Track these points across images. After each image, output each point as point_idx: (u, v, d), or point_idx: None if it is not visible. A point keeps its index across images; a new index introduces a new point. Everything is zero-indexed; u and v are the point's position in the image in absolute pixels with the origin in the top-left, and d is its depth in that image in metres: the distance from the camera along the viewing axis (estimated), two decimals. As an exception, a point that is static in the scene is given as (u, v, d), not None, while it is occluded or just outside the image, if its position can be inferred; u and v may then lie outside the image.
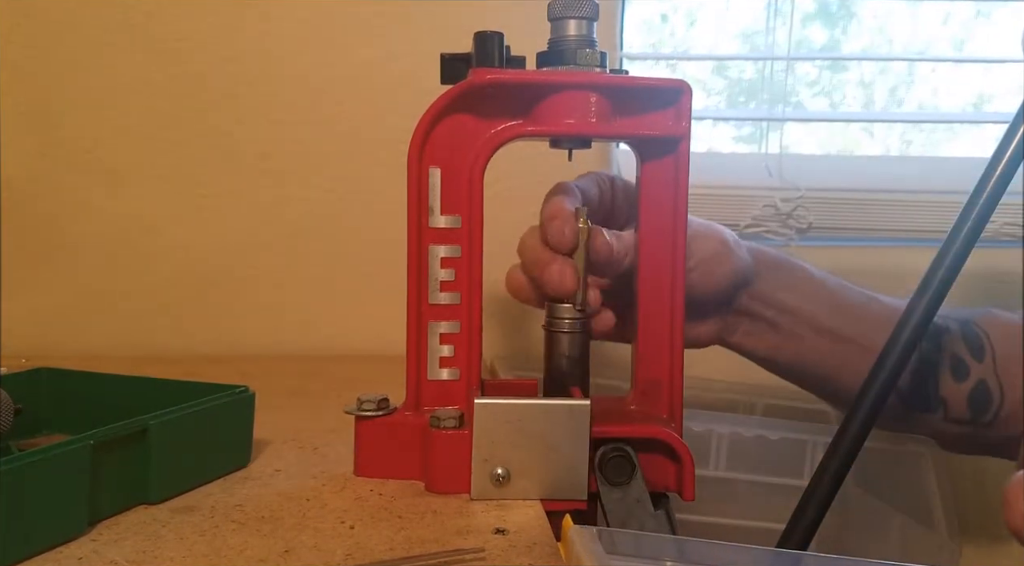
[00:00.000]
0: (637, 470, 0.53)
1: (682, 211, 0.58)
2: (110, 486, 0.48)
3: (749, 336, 0.72)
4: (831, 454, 0.56)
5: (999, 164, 0.58)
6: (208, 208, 0.98)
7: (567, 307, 0.58)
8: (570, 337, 0.58)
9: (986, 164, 0.60)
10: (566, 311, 0.58)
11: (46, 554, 0.44)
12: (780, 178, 1.07)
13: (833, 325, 0.71)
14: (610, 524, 0.53)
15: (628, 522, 0.53)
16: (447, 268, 0.56)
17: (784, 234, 1.06)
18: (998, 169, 0.58)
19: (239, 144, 0.98)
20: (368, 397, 0.56)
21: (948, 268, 0.58)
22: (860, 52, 1.17)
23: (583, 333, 0.58)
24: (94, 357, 0.73)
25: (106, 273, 0.98)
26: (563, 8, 0.55)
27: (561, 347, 0.58)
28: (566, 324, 0.58)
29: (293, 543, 0.46)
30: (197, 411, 0.53)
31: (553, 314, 0.59)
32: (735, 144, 1.19)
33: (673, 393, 0.58)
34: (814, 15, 1.15)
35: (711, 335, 0.72)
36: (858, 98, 1.19)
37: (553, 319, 0.59)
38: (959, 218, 0.59)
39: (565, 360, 0.58)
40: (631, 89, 0.56)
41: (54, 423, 0.59)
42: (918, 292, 0.58)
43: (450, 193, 0.56)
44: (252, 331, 0.99)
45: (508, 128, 0.56)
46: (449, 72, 0.57)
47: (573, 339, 0.58)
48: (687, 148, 0.56)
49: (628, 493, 0.53)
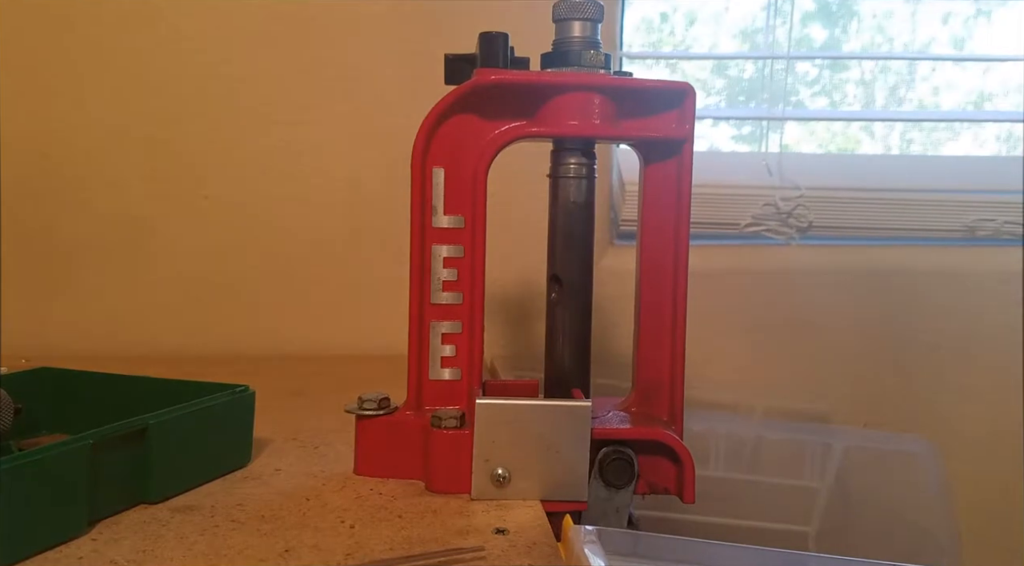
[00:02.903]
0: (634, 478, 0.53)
1: (685, 213, 0.57)
2: (110, 486, 0.48)
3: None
4: None
5: None
6: (208, 208, 0.98)
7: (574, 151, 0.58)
8: (576, 182, 0.59)
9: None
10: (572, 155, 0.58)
11: (46, 554, 0.44)
12: (780, 177, 1.07)
13: None
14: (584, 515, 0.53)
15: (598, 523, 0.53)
16: (450, 268, 0.56)
17: (784, 233, 1.06)
18: None
19: (239, 144, 0.98)
20: (369, 396, 0.56)
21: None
22: (860, 51, 1.17)
23: (589, 179, 0.59)
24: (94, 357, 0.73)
25: (106, 273, 0.98)
26: (568, 10, 0.55)
27: (568, 192, 0.59)
28: (572, 170, 0.59)
29: (293, 542, 0.46)
30: (197, 411, 0.53)
31: (559, 161, 0.59)
32: (735, 143, 1.19)
33: (674, 395, 0.58)
34: (814, 14, 1.15)
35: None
36: (858, 97, 1.19)
37: (559, 167, 0.59)
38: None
39: (572, 205, 0.59)
40: (635, 91, 0.56)
41: (54, 423, 0.59)
42: None
43: (454, 193, 0.56)
44: (252, 331, 0.99)
45: (512, 129, 0.56)
46: (453, 73, 0.57)
47: (578, 185, 0.59)
48: (690, 150, 0.56)
49: (614, 499, 0.53)
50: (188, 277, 0.99)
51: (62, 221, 0.97)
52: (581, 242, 0.59)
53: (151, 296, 0.98)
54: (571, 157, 0.58)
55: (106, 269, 0.98)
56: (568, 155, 0.58)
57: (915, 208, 1.08)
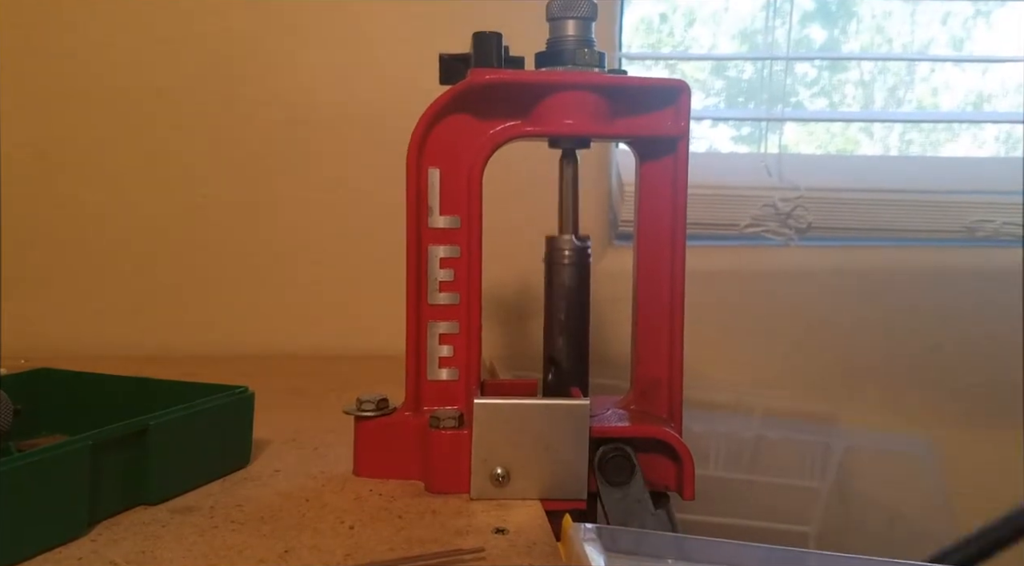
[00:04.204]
0: (637, 470, 0.53)
1: (681, 210, 0.58)
2: (110, 486, 0.48)
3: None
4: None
5: None
6: (208, 208, 0.98)
7: (567, 240, 0.59)
8: (569, 269, 0.59)
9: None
10: (566, 243, 0.59)
11: (46, 554, 0.44)
12: (779, 178, 1.07)
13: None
14: (611, 524, 0.53)
15: (628, 522, 0.53)
16: (446, 268, 0.56)
17: (783, 234, 1.06)
18: None
19: (239, 144, 0.98)
20: (367, 397, 0.56)
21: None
22: (859, 52, 1.17)
23: (582, 265, 0.59)
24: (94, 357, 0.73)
25: (106, 273, 0.98)
26: (561, 8, 0.55)
27: (561, 278, 0.59)
28: (566, 256, 0.59)
29: (293, 543, 0.46)
30: (197, 411, 0.53)
31: (554, 247, 0.59)
32: (734, 144, 1.19)
33: (673, 393, 0.58)
34: (813, 15, 1.15)
35: None
36: (857, 98, 1.19)
37: (553, 252, 0.59)
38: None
39: (566, 290, 0.59)
40: (630, 89, 0.56)
41: (54, 423, 0.59)
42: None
43: (449, 193, 0.56)
44: (252, 331, 0.99)
45: (507, 128, 0.56)
46: (448, 72, 0.57)
47: (573, 271, 0.59)
48: (686, 147, 0.56)
49: (628, 493, 0.54)
50: (188, 277, 0.99)
51: (62, 221, 0.97)
52: (576, 327, 0.60)
53: (151, 296, 0.98)
54: (565, 245, 0.59)
55: (106, 269, 0.98)
56: (562, 243, 0.59)
57: (915, 208, 1.08)
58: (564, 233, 0.60)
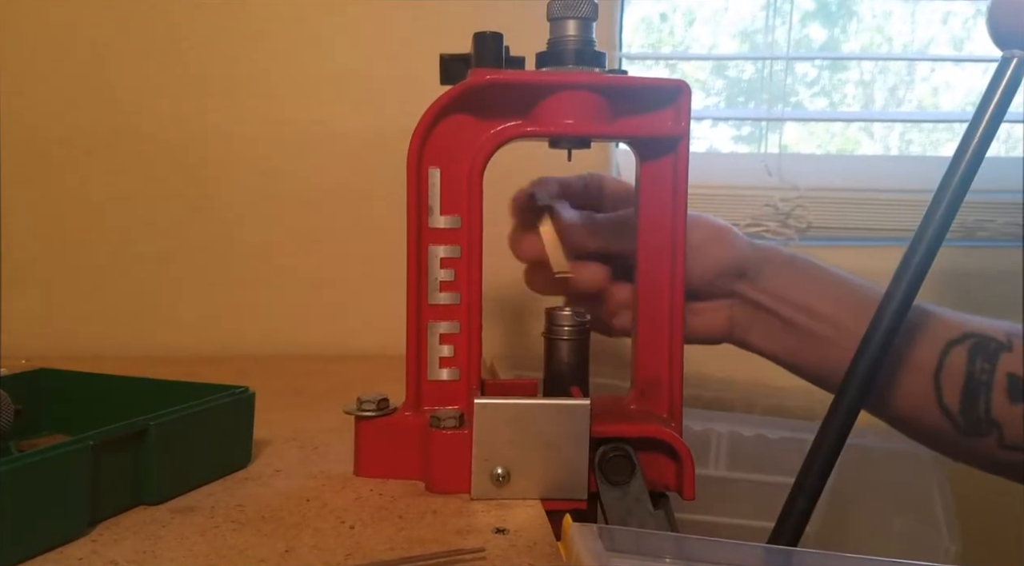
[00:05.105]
0: (637, 469, 0.53)
1: (681, 210, 0.58)
2: (110, 486, 0.48)
3: (766, 337, 0.69)
4: (816, 447, 0.56)
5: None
6: (208, 208, 0.98)
7: (567, 315, 0.59)
8: (569, 344, 0.59)
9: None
10: (565, 319, 0.59)
11: (46, 554, 0.44)
12: (779, 178, 1.07)
13: (857, 327, 0.61)
14: (609, 523, 0.53)
15: (628, 521, 0.53)
16: (447, 268, 0.56)
17: (783, 234, 1.06)
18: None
19: (239, 145, 0.98)
20: (368, 397, 0.56)
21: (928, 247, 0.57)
22: (859, 52, 1.17)
23: (581, 340, 0.60)
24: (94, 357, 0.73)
25: (106, 273, 0.98)
26: (562, 8, 0.55)
27: (560, 354, 0.59)
28: (565, 331, 0.59)
29: (293, 543, 0.46)
30: (197, 411, 0.53)
31: (553, 322, 0.60)
32: (734, 144, 1.19)
33: (673, 392, 0.58)
34: (813, 14, 1.15)
35: (720, 328, 0.70)
36: (857, 98, 1.19)
37: (553, 327, 0.60)
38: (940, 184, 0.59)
39: (565, 366, 0.60)
40: (630, 89, 0.56)
41: (54, 423, 0.59)
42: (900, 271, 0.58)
43: (450, 193, 0.56)
44: (252, 331, 0.99)
45: (507, 128, 0.56)
46: (448, 72, 0.57)
47: (572, 346, 0.59)
48: (686, 147, 0.56)
49: (628, 492, 0.54)
50: (188, 277, 0.99)
51: (62, 221, 0.97)
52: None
53: (151, 296, 0.98)
54: (564, 320, 0.60)
55: (106, 269, 0.98)
56: (561, 318, 0.60)
57: (915, 208, 1.08)
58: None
